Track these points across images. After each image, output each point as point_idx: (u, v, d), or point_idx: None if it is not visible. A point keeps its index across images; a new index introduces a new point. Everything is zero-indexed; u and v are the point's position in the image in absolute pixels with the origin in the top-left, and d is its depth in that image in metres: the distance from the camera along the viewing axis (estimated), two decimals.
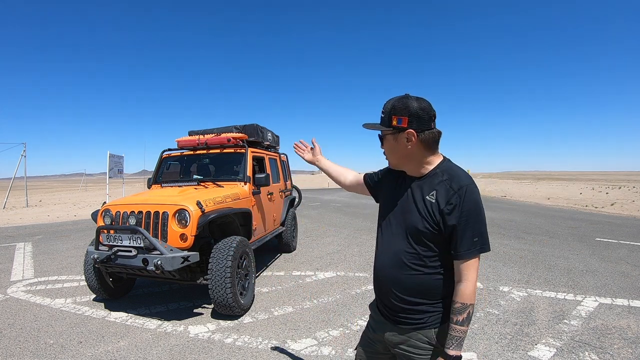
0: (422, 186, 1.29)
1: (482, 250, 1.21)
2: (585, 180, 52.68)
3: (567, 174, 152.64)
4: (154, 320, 3.61)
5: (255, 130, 5.56)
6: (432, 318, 1.28)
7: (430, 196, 1.25)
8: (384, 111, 1.30)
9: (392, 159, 1.35)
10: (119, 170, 15.60)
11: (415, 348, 1.30)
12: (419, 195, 1.29)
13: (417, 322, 1.29)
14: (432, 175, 1.29)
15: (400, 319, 1.32)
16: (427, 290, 1.27)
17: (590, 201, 17.13)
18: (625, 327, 3.35)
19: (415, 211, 1.27)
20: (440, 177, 1.27)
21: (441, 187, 1.24)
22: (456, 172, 1.27)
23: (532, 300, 4.07)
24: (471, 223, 1.19)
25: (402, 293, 1.29)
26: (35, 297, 4.34)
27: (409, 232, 1.28)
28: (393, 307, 1.33)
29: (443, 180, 1.25)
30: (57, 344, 3.14)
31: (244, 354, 2.93)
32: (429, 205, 1.24)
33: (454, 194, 1.21)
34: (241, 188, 4.60)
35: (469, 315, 1.22)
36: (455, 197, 1.20)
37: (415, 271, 1.27)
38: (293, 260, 6.05)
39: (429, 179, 1.29)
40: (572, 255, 6.20)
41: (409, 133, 1.24)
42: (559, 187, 31.98)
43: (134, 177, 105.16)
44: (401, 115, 1.24)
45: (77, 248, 7.17)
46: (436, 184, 1.26)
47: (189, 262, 3.41)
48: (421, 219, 1.25)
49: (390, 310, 1.34)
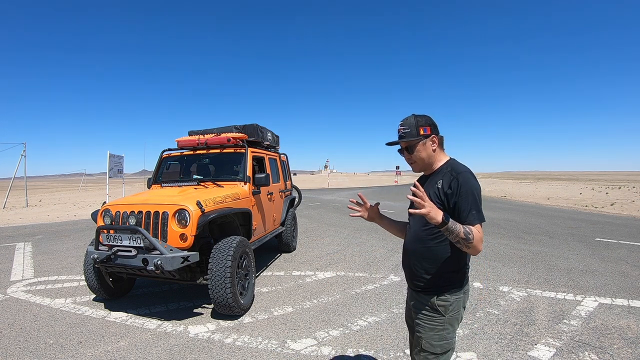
0: (434, 178, 1.68)
1: (480, 220, 1.52)
2: (585, 180, 52.70)
3: (567, 174, 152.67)
4: (154, 320, 3.61)
5: (255, 130, 5.56)
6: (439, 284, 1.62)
7: (438, 183, 1.63)
8: (408, 125, 1.67)
9: (421, 162, 1.70)
10: (119, 170, 15.59)
11: (422, 311, 1.66)
12: (432, 185, 1.67)
13: (424, 287, 1.66)
14: (440, 170, 1.69)
15: (415, 284, 1.71)
16: (435, 257, 1.63)
17: (590, 201, 17.13)
18: (625, 327, 3.35)
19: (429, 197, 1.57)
20: (446, 170, 1.66)
21: (445, 176, 1.63)
22: (458, 165, 1.67)
23: (532, 300, 4.07)
24: (469, 200, 1.53)
25: (418, 261, 1.68)
26: (35, 297, 4.34)
27: None
28: (411, 275, 1.73)
29: (448, 171, 1.64)
30: (57, 344, 3.14)
31: (244, 354, 2.93)
32: (437, 190, 1.62)
33: (454, 179, 1.58)
34: (241, 188, 4.60)
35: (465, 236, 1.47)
36: (454, 181, 1.58)
37: (429, 242, 1.64)
38: (293, 260, 6.05)
39: (439, 172, 1.68)
40: (572, 255, 6.20)
41: (433, 138, 1.67)
42: (559, 187, 31.99)
43: (134, 177, 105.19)
44: (425, 125, 1.67)
45: (77, 248, 7.17)
46: (443, 175, 1.65)
47: (188, 262, 3.41)
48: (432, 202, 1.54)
49: (410, 277, 1.74)
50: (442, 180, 1.62)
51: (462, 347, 2.98)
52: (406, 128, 1.68)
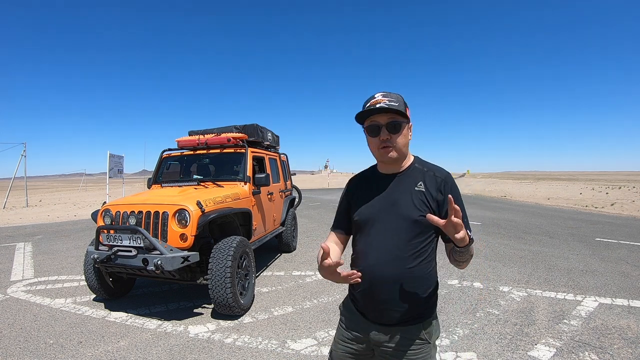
0: (406, 179, 1.35)
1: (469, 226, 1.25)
2: (585, 180, 52.66)
3: (567, 174, 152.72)
4: (154, 320, 3.61)
5: (255, 130, 5.56)
6: (423, 312, 1.32)
7: (419, 186, 1.32)
8: (396, 100, 1.29)
9: (399, 151, 1.32)
10: (119, 170, 15.59)
11: (405, 346, 1.30)
12: (406, 188, 1.33)
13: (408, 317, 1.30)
14: (412, 168, 1.37)
15: (392, 316, 1.31)
16: (419, 281, 1.30)
17: (590, 201, 17.12)
18: (625, 327, 3.35)
19: (406, 203, 1.30)
20: (421, 169, 1.36)
21: (426, 177, 1.33)
22: (432, 164, 1.39)
23: (532, 300, 4.07)
24: (463, 209, 1.23)
25: (395, 288, 1.28)
26: (35, 297, 4.34)
27: (405, 224, 1.29)
28: (385, 307, 1.31)
29: (425, 172, 1.35)
30: (57, 344, 3.14)
31: (244, 354, 2.93)
32: (419, 194, 1.30)
33: (442, 182, 1.32)
34: (241, 188, 4.60)
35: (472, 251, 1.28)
36: (444, 185, 1.31)
37: (412, 262, 1.29)
38: (293, 260, 6.04)
39: (410, 172, 1.36)
40: (572, 255, 6.19)
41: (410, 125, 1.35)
42: (559, 187, 31.97)
43: (134, 177, 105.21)
44: (407, 107, 1.33)
45: (77, 248, 7.17)
46: (420, 176, 1.34)
47: (189, 262, 3.41)
48: (414, 209, 1.29)
49: (382, 310, 1.32)
50: (424, 183, 1.32)
51: (462, 347, 2.98)
52: (394, 101, 1.28)
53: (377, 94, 1.31)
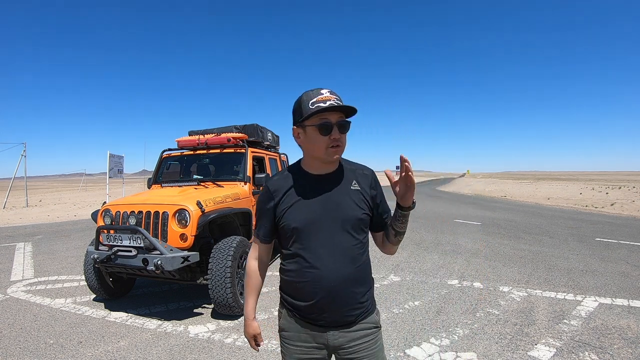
0: (339, 180, 1.35)
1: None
2: (585, 180, 52.70)
3: (567, 174, 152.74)
4: (154, 320, 3.61)
5: (255, 130, 5.56)
6: (371, 302, 1.37)
7: (354, 185, 1.35)
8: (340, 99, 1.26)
9: (343, 150, 1.31)
10: (119, 170, 15.59)
11: (364, 338, 1.32)
12: (342, 188, 1.33)
13: (363, 312, 1.33)
14: (341, 168, 1.38)
15: (351, 316, 1.30)
16: (367, 275, 1.36)
17: (590, 201, 17.12)
18: (625, 327, 3.35)
19: (347, 203, 1.31)
20: (350, 169, 1.39)
21: (358, 176, 1.37)
22: (355, 163, 1.44)
23: (532, 300, 4.07)
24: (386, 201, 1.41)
25: (354, 288, 1.29)
26: (35, 297, 4.34)
27: (350, 224, 1.30)
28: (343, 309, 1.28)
29: (354, 170, 1.39)
30: (57, 344, 3.14)
31: (244, 354, 2.93)
32: (357, 193, 1.34)
33: (370, 178, 1.39)
34: (241, 188, 4.60)
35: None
36: (372, 181, 1.38)
37: (361, 260, 1.33)
38: None
39: (341, 172, 1.37)
40: (572, 255, 6.19)
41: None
42: (559, 187, 31.98)
43: (134, 177, 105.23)
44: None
45: (77, 248, 7.17)
46: (352, 175, 1.37)
47: (189, 262, 3.41)
48: (357, 207, 1.31)
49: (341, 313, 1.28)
50: (357, 182, 1.35)
51: (462, 347, 2.98)
52: (340, 100, 1.26)
53: (322, 89, 1.26)
